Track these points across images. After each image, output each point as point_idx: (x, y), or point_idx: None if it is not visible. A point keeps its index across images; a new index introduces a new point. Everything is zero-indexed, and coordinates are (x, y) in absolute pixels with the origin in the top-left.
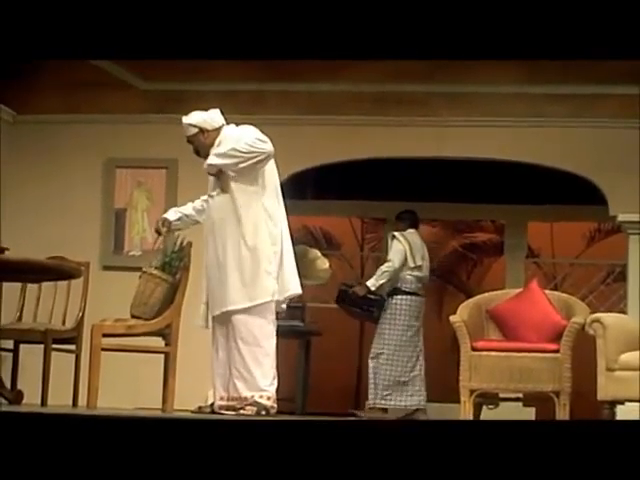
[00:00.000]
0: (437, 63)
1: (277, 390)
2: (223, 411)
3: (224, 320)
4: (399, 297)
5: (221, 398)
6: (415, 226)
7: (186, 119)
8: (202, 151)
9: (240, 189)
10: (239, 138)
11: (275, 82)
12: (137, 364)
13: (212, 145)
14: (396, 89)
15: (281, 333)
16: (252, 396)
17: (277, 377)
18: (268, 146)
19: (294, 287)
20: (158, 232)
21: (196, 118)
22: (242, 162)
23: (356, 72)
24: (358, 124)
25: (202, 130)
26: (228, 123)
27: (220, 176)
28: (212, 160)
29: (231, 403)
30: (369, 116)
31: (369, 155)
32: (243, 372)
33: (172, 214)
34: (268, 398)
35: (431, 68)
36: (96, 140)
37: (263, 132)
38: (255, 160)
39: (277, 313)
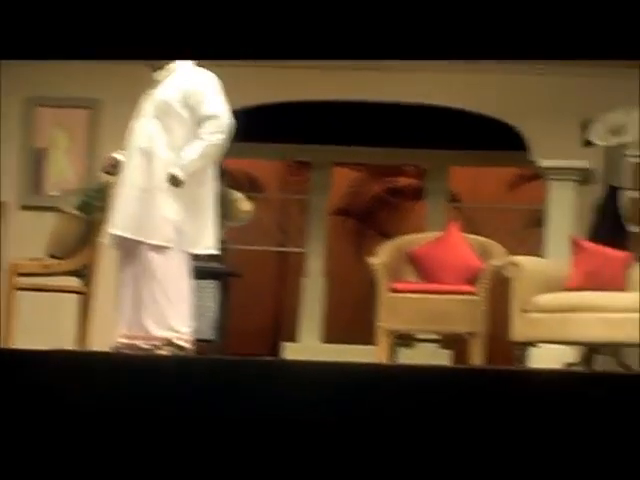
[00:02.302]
0: None
1: (194, 332)
2: (124, 349)
3: (133, 254)
4: None
5: (123, 336)
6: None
7: None
8: (157, 61)
9: (168, 131)
10: (205, 103)
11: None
12: (53, 304)
13: (166, 64)
14: None
15: (200, 274)
16: (165, 337)
17: (193, 319)
18: (229, 121)
19: (208, 244)
20: (108, 172)
21: None
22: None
23: None
24: (283, 66)
25: None
26: (147, 62)
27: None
28: (178, 171)
29: (135, 342)
30: (294, 59)
31: (294, 98)
32: (154, 311)
33: (121, 155)
34: (182, 340)
35: None
36: (16, 77)
37: None
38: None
39: (196, 255)
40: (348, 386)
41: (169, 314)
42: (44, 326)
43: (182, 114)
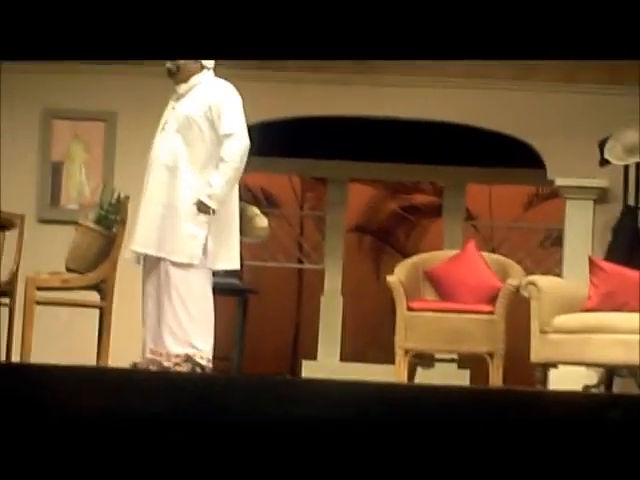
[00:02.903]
0: None
1: (213, 349)
2: (149, 365)
3: (156, 270)
4: None
5: (151, 351)
6: None
7: None
8: (180, 74)
9: (190, 146)
10: (225, 124)
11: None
12: (72, 318)
13: (189, 78)
14: None
15: (218, 290)
16: (185, 353)
17: (213, 336)
18: (247, 140)
19: (232, 260)
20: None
21: None
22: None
23: None
24: (299, 81)
25: None
26: (164, 75)
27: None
28: (209, 200)
29: (158, 358)
30: (310, 73)
31: (310, 113)
32: (174, 327)
33: None
34: (201, 357)
35: None
36: (33, 90)
37: None
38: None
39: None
40: (367, 405)
41: (190, 331)
42: (63, 341)
43: (203, 129)
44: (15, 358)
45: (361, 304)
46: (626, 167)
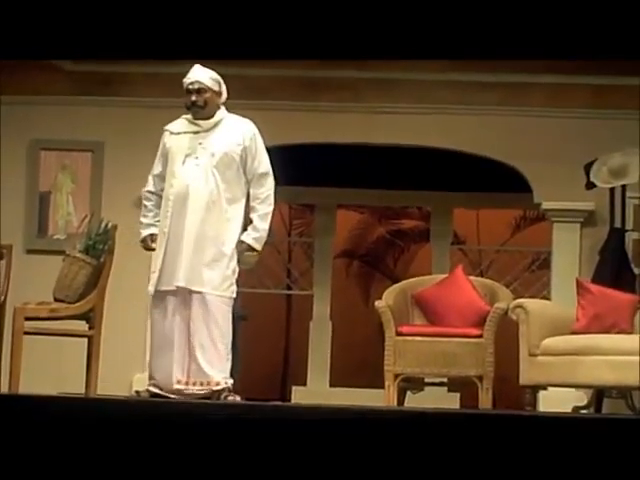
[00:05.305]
0: None
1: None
2: (181, 395)
3: (185, 303)
4: None
5: (178, 382)
6: None
7: (213, 74)
8: (203, 110)
9: (227, 183)
10: (259, 166)
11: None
12: (60, 348)
13: (214, 113)
14: (325, 74)
15: None
16: (226, 382)
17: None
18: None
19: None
20: (149, 248)
21: (220, 80)
22: None
23: None
24: (286, 109)
25: (219, 94)
26: (150, 106)
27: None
28: (256, 244)
29: (194, 387)
30: (297, 101)
31: (296, 140)
32: (214, 358)
33: (149, 229)
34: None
35: None
36: (21, 121)
37: None
38: None
39: None
40: (356, 431)
41: (223, 360)
42: (51, 370)
43: (240, 167)
44: (3, 388)
45: (350, 329)
46: (612, 190)
